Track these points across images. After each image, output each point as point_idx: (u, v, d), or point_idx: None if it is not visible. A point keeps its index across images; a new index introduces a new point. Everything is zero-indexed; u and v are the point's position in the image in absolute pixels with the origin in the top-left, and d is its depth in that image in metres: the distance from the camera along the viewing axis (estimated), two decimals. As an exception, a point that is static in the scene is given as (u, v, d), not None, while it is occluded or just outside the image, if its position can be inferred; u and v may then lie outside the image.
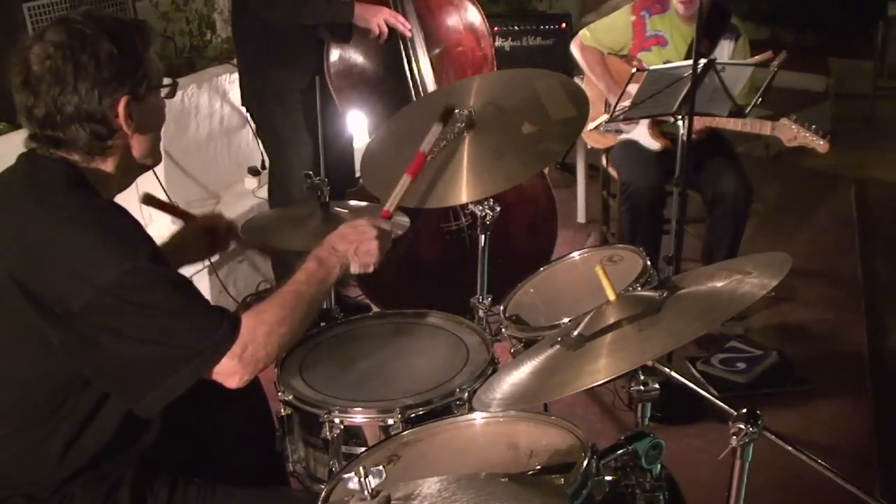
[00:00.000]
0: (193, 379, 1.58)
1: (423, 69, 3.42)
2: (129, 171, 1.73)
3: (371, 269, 1.85)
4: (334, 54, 3.38)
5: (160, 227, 2.19)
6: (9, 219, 1.61)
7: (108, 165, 1.67)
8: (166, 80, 1.74)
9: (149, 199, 2.15)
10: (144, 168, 1.75)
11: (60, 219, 1.56)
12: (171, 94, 1.75)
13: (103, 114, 1.60)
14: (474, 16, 3.61)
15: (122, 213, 1.63)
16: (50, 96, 1.57)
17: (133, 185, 1.79)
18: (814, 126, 3.35)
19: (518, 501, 1.20)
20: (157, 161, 1.77)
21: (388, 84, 3.43)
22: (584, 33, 3.77)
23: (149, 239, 1.64)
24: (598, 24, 3.77)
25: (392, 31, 3.33)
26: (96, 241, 1.54)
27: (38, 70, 1.57)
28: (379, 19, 3.29)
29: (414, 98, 3.39)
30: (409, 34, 3.37)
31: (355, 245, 1.82)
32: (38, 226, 1.56)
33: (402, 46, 3.40)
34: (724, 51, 3.54)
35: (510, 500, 1.21)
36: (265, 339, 1.63)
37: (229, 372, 1.60)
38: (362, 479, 1.18)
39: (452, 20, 3.57)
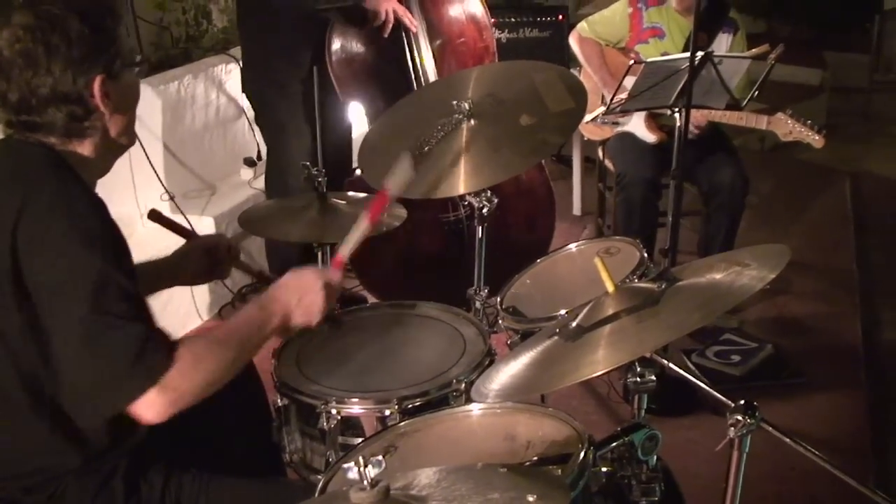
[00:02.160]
0: (114, 409, 1.51)
1: (425, 60, 3.42)
2: (108, 153, 1.70)
3: (314, 324, 1.77)
4: (336, 43, 3.36)
5: (165, 245, 2.14)
6: None
7: (86, 148, 1.64)
8: (137, 58, 1.70)
9: (155, 216, 2.12)
10: (122, 148, 1.72)
11: (37, 209, 1.51)
12: (143, 73, 1.72)
13: (79, 94, 1.58)
14: (476, 7, 3.60)
15: (97, 208, 1.58)
16: (23, 80, 1.55)
17: (136, 202, 1.74)
18: (809, 121, 3.36)
19: (516, 492, 1.20)
20: (131, 140, 1.74)
21: (389, 74, 3.42)
22: (582, 26, 3.78)
23: (118, 241, 1.58)
24: (596, 17, 3.78)
25: (396, 23, 3.33)
26: (64, 233, 1.50)
27: (8, 55, 1.55)
28: (388, 6, 3.29)
29: (415, 88, 3.39)
30: (414, 30, 3.37)
31: (298, 296, 1.74)
32: (21, 216, 1.51)
33: (404, 37, 3.39)
34: (722, 44, 3.53)
35: (508, 491, 1.21)
36: (190, 370, 1.53)
37: (147, 402, 1.50)
38: (361, 470, 1.18)
39: (455, 11, 3.56)
